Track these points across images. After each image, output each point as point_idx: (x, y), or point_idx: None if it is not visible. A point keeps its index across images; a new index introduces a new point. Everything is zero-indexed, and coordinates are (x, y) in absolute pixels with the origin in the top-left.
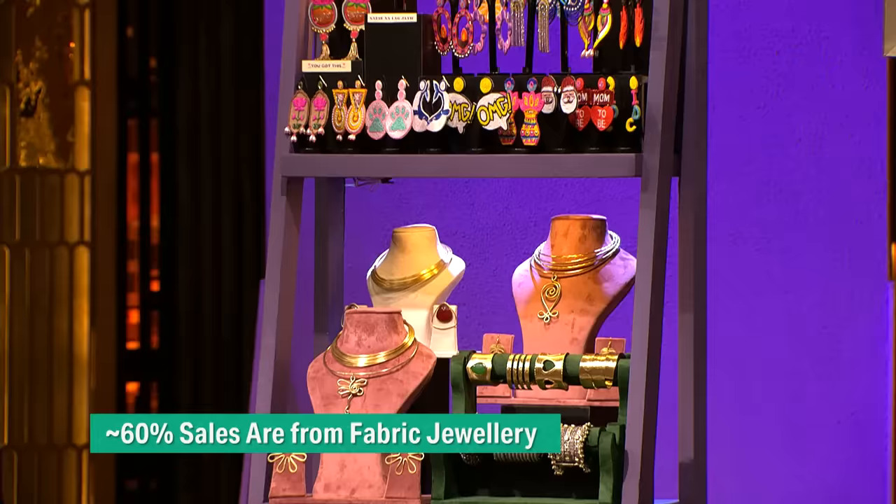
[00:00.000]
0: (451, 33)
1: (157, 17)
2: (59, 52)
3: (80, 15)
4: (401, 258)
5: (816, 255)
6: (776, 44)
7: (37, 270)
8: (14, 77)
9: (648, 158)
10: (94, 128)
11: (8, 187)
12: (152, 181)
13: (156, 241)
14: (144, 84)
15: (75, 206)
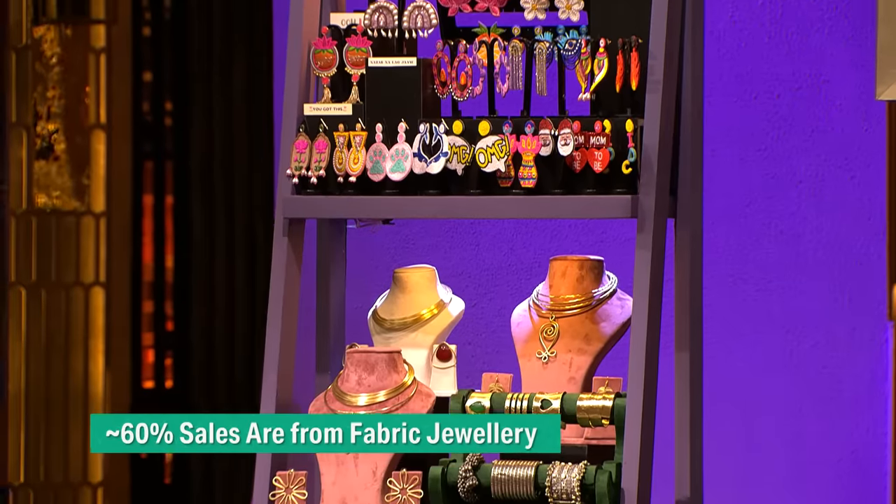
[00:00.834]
0: (450, 77)
1: (171, 62)
2: (76, 95)
3: (96, 59)
4: (401, 298)
5: (817, 295)
6: (777, 87)
7: (53, 311)
8: (31, 120)
9: (644, 200)
10: (109, 170)
11: (25, 229)
12: (167, 222)
13: (170, 282)
14: (159, 127)
15: (91, 248)
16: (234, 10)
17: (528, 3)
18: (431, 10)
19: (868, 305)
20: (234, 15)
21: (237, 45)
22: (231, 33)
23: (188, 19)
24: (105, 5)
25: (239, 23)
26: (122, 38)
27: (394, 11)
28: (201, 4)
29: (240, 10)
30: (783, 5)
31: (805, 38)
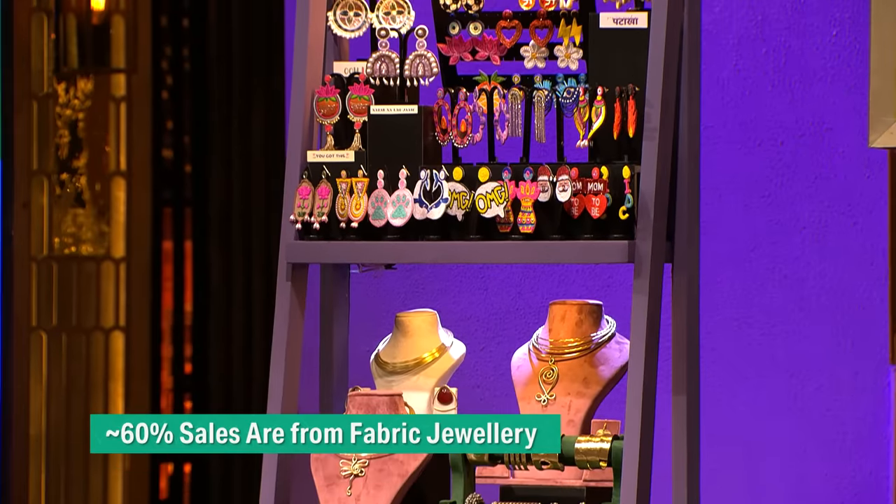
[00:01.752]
0: (450, 124)
1: (190, 110)
2: (97, 143)
3: (117, 108)
4: (403, 342)
5: (820, 339)
6: (780, 135)
7: (73, 354)
8: (52, 167)
9: (641, 245)
10: (129, 216)
11: (46, 274)
12: (186, 268)
13: (189, 325)
14: (179, 174)
15: (111, 292)
16: (253, 56)
17: (528, 52)
18: (432, 59)
19: (870, 350)
20: (252, 61)
21: (255, 91)
22: (250, 79)
23: (207, 68)
24: (125, 55)
25: (258, 68)
26: (142, 86)
27: (395, 60)
28: (220, 54)
29: (258, 57)
30: (786, 54)
31: (808, 86)
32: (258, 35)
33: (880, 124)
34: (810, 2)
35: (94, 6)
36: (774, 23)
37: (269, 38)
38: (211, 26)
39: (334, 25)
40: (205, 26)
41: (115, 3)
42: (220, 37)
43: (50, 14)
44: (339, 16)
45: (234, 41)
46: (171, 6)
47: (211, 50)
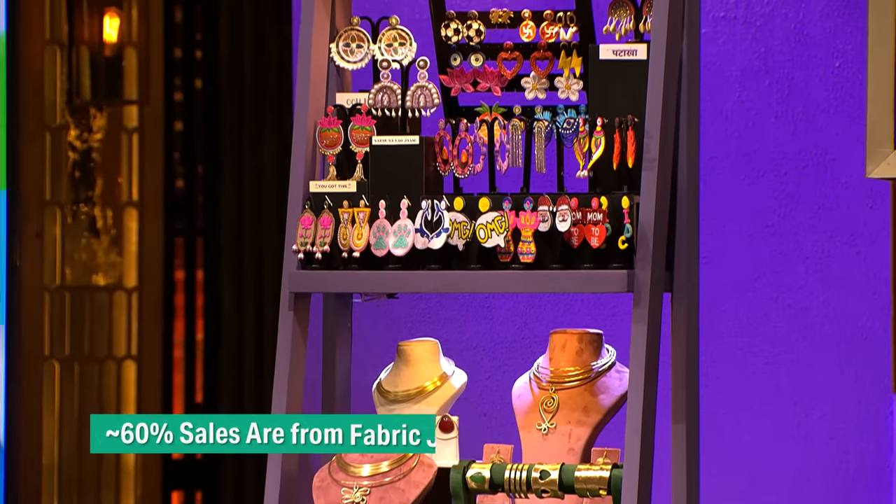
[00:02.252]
0: (451, 155)
1: (202, 141)
2: (109, 174)
3: (129, 138)
4: (405, 370)
5: (824, 368)
6: (784, 166)
7: (85, 384)
8: (65, 198)
9: (640, 275)
10: (141, 246)
11: (58, 304)
12: (197, 297)
13: (200, 355)
14: (190, 204)
15: (123, 322)
16: (264, 87)
17: (529, 84)
18: (434, 90)
19: (874, 378)
20: (263, 93)
21: (266, 122)
22: (261, 111)
23: (219, 99)
24: (138, 86)
25: (269, 99)
26: (154, 118)
27: (397, 91)
28: (232, 85)
29: (269, 88)
30: (790, 86)
31: (811, 117)
32: (269, 67)
33: (877, 155)
34: (813, 34)
35: (107, 38)
36: (777, 55)
37: (279, 69)
38: (222, 58)
39: (337, 57)
40: (216, 58)
41: (127, 36)
42: (232, 69)
43: (63, 46)
44: (342, 48)
45: (245, 73)
46: (184, 38)
47: (222, 81)
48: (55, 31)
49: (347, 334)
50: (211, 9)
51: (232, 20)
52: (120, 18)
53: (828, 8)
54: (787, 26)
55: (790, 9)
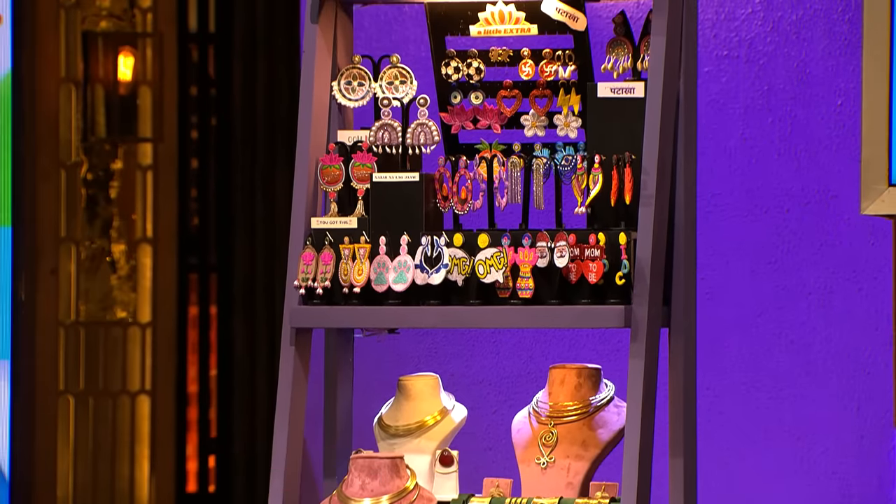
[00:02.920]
0: (451, 191)
1: (216, 178)
2: (123, 210)
3: (143, 176)
4: (405, 405)
5: (826, 403)
6: (787, 202)
7: (100, 418)
8: (80, 234)
9: (637, 310)
10: (155, 282)
11: (73, 339)
12: (211, 332)
13: (214, 389)
14: (204, 241)
15: (137, 357)
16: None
17: (528, 121)
18: (433, 127)
19: (876, 413)
20: (275, 130)
21: (279, 160)
22: (273, 148)
23: (232, 137)
24: (152, 124)
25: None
26: (168, 155)
27: (398, 129)
28: (244, 123)
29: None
30: (792, 124)
31: (813, 155)
32: (280, 105)
33: (872, 192)
34: (815, 73)
35: (122, 77)
36: (780, 93)
37: (290, 107)
38: (236, 97)
39: (339, 95)
40: (230, 97)
41: (142, 74)
42: (245, 107)
43: (78, 84)
44: (344, 86)
45: (258, 111)
46: (197, 77)
47: (235, 119)
48: (70, 70)
49: (349, 369)
50: (225, 48)
51: (245, 60)
52: (134, 57)
53: (829, 47)
54: (790, 65)
55: (792, 48)
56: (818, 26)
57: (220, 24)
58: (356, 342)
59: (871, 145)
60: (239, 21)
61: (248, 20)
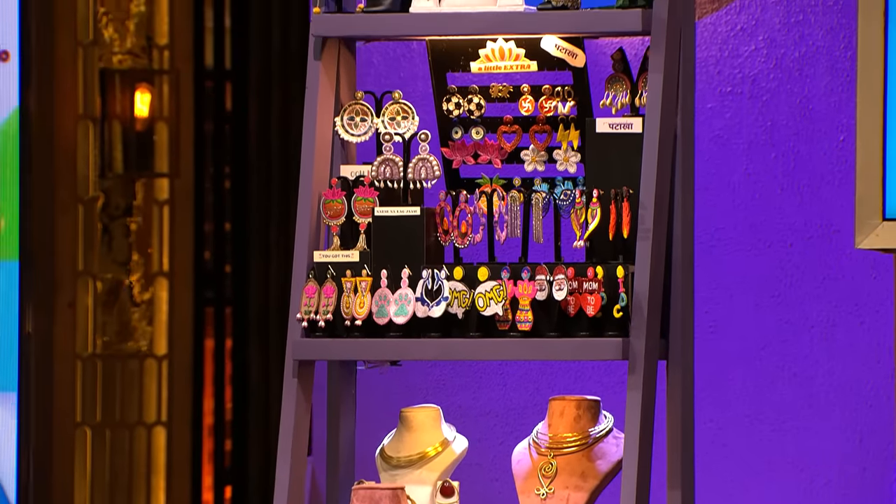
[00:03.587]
0: (452, 225)
1: (231, 212)
2: (140, 244)
3: (160, 210)
4: (407, 436)
5: (829, 435)
6: (790, 237)
7: (117, 449)
8: (97, 268)
9: (635, 343)
10: (171, 315)
11: (91, 372)
12: (226, 365)
13: (229, 421)
14: (220, 274)
15: (153, 389)
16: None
17: (528, 156)
18: (434, 162)
19: (878, 445)
20: (290, 165)
21: (293, 194)
22: (287, 183)
23: (247, 172)
24: (168, 160)
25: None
26: (184, 190)
27: (399, 163)
28: (259, 158)
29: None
30: (795, 159)
31: (816, 190)
32: (295, 141)
33: (866, 226)
34: (818, 109)
35: (139, 113)
36: (783, 129)
37: None
38: (251, 132)
39: (341, 130)
40: (245, 132)
41: (158, 111)
42: (260, 143)
43: (96, 121)
44: (346, 121)
45: (272, 146)
46: (214, 112)
47: (251, 155)
48: (88, 106)
49: (351, 401)
50: (241, 85)
51: (260, 96)
52: (151, 94)
53: (831, 84)
54: (793, 101)
55: (795, 84)
56: (820, 63)
57: (235, 60)
58: (362, 375)
59: (866, 180)
60: (254, 58)
61: (263, 57)
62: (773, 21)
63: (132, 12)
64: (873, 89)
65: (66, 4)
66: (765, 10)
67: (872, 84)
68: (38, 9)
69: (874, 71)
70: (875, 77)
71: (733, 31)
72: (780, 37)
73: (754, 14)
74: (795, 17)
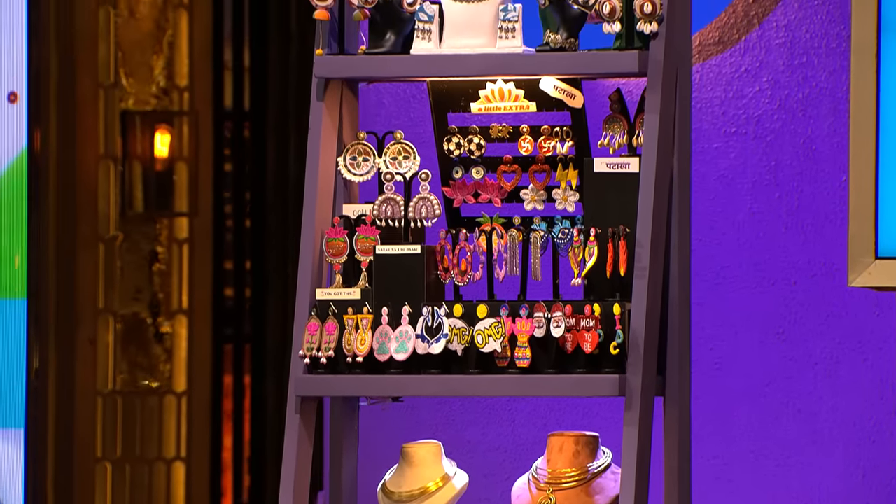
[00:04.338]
0: (452, 263)
1: (250, 251)
2: (161, 283)
3: (179, 249)
4: (408, 472)
5: (832, 471)
6: (794, 275)
7: (136, 484)
8: (117, 305)
9: (631, 379)
10: (191, 352)
11: (111, 408)
12: (245, 401)
13: (248, 456)
14: (239, 312)
15: (173, 425)
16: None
17: (528, 195)
18: (435, 201)
19: (881, 481)
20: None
21: None
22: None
23: (266, 211)
24: (188, 199)
25: None
26: (203, 229)
27: (400, 202)
28: (277, 197)
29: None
30: (799, 198)
31: (820, 228)
32: None
33: (859, 265)
34: (821, 149)
35: (158, 154)
36: (787, 168)
37: None
38: (269, 172)
39: (344, 170)
40: (263, 172)
41: (178, 151)
42: (277, 182)
43: (116, 161)
44: (349, 161)
45: (289, 186)
46: (232, 152)
47: (269, 194)
48: (109, 147)
49: (354, 437)
50: (259, 125)
51: (278, 136)
52: (171, 134)
53: (835, 124)
54: (797, 141)
55: (799, 125)
56: (824, 104)
57: (254, 102)
58: (371, 411)
59: (858, 219)
60: (272, 99)
61: (280, 98)
62: (777, 63)
63: (152, 56)
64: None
65: (87, 48)
66: (769, 52)
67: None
68: (60, 51)
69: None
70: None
71: (738, 73)
72: (784, 78)
73: (759, 56)
74: (799, 59)
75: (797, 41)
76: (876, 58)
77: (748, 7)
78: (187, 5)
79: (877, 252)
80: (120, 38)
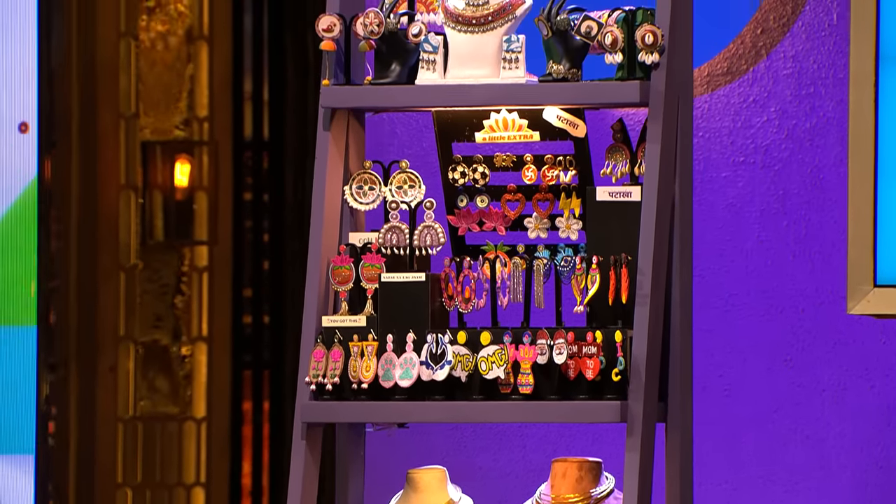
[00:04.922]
0: (456, 291)
1: (269, 279)
2: (182, 310)
3: (199, 277)
4: (413, 497)
5: (840, 497)
6: (801, 303)
7: None
8: (137, 333)
9: (633, 405)
10: (210, 378)
11: (131, 434)
12: (264, 427)
13: (266, 484)
14: (258, 338)
15: (192, 451)
16: None
17: (531, 223)
18: (439, 230)
19: None
20: None
21: None
22: None
23: (284, 239)
24: (208, 228)
25: None
26: (223, 257)
27: (405, 231)
28: (294, 225)
29: None
30: (807, 226)
31: (827, 256)
32: None
33: (857, 293)
34: (829, 178)
35: (178, 183)
36: (795, 197)
37: None
38: (287, 201)
39: (350, 199)
40: (282, 200)
41: (198, 180)
42: (296, 211)
43: (137, 190)
44: (355, 189)
45: (307, 215)
46: (252, 182)
47: (287, 222)
48: (130, 177)
49: (360, 462)
50: (277, 155)
51: (296, 166)
52: (191, 164)
53: (842, 154)
54: (804, 170)
55: (806, 154)
56: (831, 134)
57: (273, 132)
58: (380, 438)
59: (857, 247)
60: (290, 129)
61: (299, 128)
62: (784, 93)
63: (173, 87)
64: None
65: (108, 79)
66: (777, 83)
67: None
68: (81, 83)
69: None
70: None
71: (746, 103)
72: (792, 108)
73: (766, 86)
74: (806, 90)
75: (805, 72)
76: (874, 87)
77: (756, 38)
78: (208, 37)
79: (875, 280)
80: (141, 70)
